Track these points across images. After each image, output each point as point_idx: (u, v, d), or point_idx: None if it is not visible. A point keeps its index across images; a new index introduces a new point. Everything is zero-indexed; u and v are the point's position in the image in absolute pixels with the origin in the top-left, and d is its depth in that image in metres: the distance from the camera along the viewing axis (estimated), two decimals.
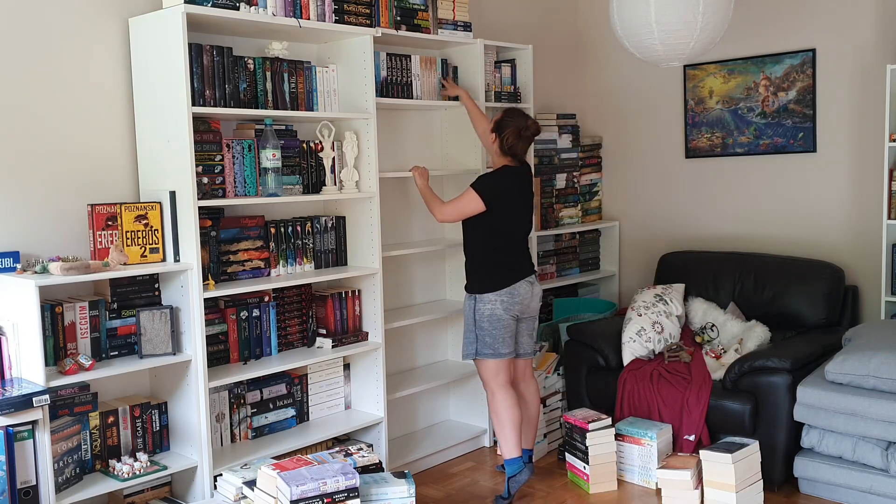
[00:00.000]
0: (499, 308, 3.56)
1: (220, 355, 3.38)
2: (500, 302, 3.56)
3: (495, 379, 3.62)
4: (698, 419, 3.78)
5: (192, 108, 3.05)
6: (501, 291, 3.56)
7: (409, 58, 3.98)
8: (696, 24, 3.41)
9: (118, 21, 3.23)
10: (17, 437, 2.71)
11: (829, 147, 4.49)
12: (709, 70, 4.86)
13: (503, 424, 3.62)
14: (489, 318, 3.57)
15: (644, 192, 5.22)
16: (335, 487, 2.75)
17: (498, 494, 3.72)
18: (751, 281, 4.43)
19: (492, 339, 3.57)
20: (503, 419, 3.61)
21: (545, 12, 5.13)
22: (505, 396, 3.61)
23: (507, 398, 3.61)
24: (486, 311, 3.57)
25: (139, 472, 3.03)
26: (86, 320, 3.02)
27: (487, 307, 3.56)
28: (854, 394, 3.39)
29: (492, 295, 3.57)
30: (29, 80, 3.02)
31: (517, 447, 3.62)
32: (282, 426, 3.63)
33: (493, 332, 3.57)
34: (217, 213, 3.34)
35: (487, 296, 3.57)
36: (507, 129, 3.63)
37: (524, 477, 3.62)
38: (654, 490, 3.74)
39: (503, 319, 3.57)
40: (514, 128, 3.62)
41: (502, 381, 3.62)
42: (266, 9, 3.27)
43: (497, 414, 3.64)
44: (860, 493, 3.45)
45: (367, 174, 3.70)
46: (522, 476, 3.61)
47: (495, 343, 3.57)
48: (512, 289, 3.58)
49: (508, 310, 3.58)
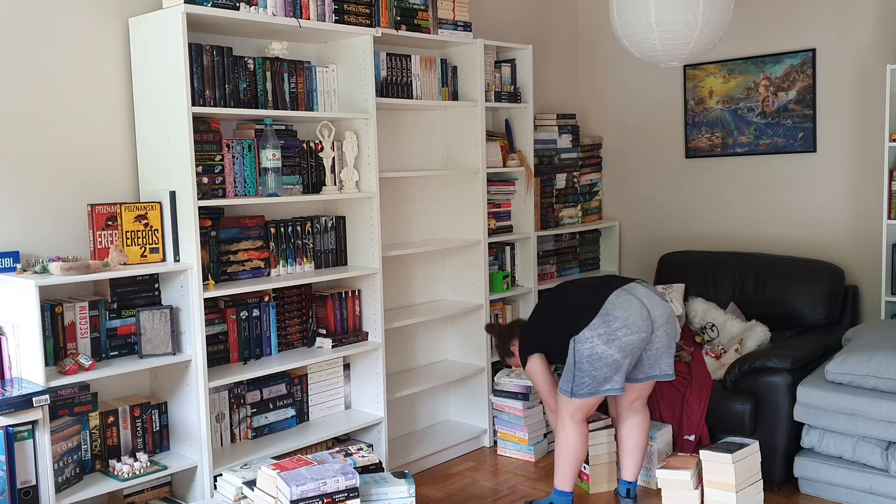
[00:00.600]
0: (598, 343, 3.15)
1: (220, 355, 3.38)
2: (597, 335, 3.16)
3: (573, 416, 3.33)
4: (698, 419, 3.78)
5: (192, 108, 3.05)
6: (594, 324, 3.16)
7: (409, 58, 3.98)
8: (696, 24, 3.41)
9: (118, 21, 3.23)
10: (17, 437, 2.71)
11: (829, 147, 4.49)
12: (709, 70, 4.86)
13: (563, 458, 3.39)
14: (588, 358, 3.18)
15: (644, 192, 5.22)
16: (335, 487, 2.75)
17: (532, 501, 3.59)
18: (751, 281, 4.43)
19: (591, 379, 3.20)
20: (565, 453, 3.38)
21: (545, 12, 5.13)
22: (577, 432, 3.35)
23: (579, 434, 3.35)
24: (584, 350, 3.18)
25: (139, 472, 3.03)
26: (86, 320, 3.02)
27: (586, 346, 3.18)
28: (854, 394, 3.38)
29: (586, 332, 3.17)
30: (29, 80, 3.02)
31: (571, 483, 3.40)
32: (282, 426, 3.63)
33: (593, 373, 3.19)
34: (217, 213, 3.34)
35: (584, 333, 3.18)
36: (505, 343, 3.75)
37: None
38: (654, 490, 3.74)
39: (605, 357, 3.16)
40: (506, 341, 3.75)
41: (580, 417, 3.35)
42: (266, 9, 3.27)
43: (561, 446, 3.39)
44: (860, 493, 3.45)
45: (367, 174, 3.70)
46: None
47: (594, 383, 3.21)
48: (605, 314, 3.15)
49: (610, 342, 3.14)
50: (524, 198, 4.56)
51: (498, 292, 4.42)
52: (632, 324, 3.15)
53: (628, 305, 3.18)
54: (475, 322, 4.34)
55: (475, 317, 4.35)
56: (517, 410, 4.17)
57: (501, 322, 4.42)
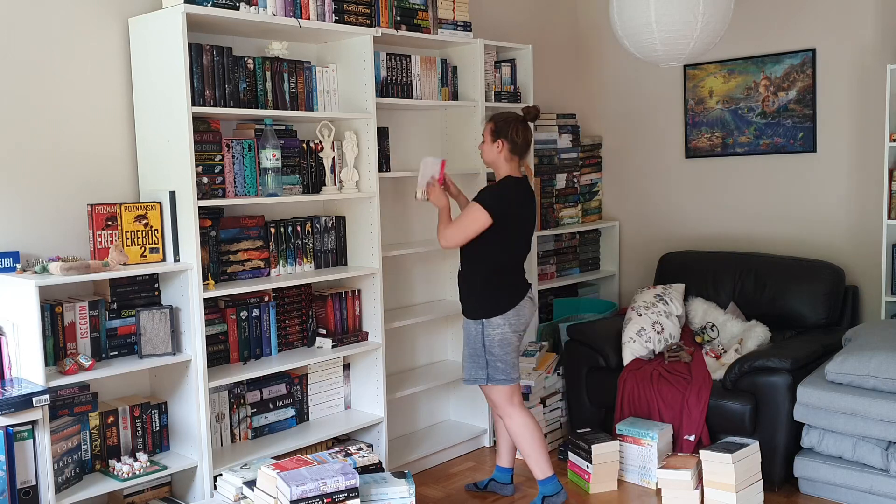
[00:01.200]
0: (508, 332, 3.41)
1: (220, 355, 3.38)
2: (509, 325, 3.41)
3: (510, 402, 3.48)
4: (698, 419, 3.78)
5: (192, 108, 3.05)
6: (509, 314, 3.41)
7: (409, 58, 3.98)
8: (696, 24, 3.41)
9: (118, 21, 3.23)
10: (16, 437, 2.71)
11: (829, 147, 4.49)
12: (709, 70, 4.86)
13: (533, 444, 3.47)
14: (500, 342, 3.41)
15: (644, 192, 5.22)
16: (335, 487, 2.75)
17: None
18: (751, 281, 4.43)
19: (504, 364, 3.42)
20: (532, 438, 3.47)
21: (545, 12, 5.13)
22: (525, 416, 3.49)
23: (528, 417, 3.49)
24: (496, 336, 3.40)
25: (139, 472, 3.03)
26: (86, 320, 3.02)
27: (497, 332, 3.40)
28: (854, 394, 3.38)
29: (499, 318, 3.40)
30: (29, 80, 3.02)
31: (548, 466, 3.49)
32: (282, 426, 3.63)
33: (506, 357, 3.42)
34: (217, 213, 3.34)
35: (494, 322, 3.40)
36: (510, 126, 3.41)
37: (562, 499, 3.49)
38: (654, 490, 3.74)
39: (513, 343, 3.44)
40: (515, 121, 3.42)
41: (518, 401, 3.50)
42: (266, 9, 3.27)
43: (522, 435, 3.48)
44: (860, 493, 3.45)
45: (367, 174, 3.70)
46: (560, 498, 3.49)
47: (508, 368, 3.43)
48: (518, 308, 3.43)
49: (516, 331, 3.44)
50: None
51: None
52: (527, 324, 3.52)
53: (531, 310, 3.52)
54: None
55: None
56: None
57: None
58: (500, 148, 3.46)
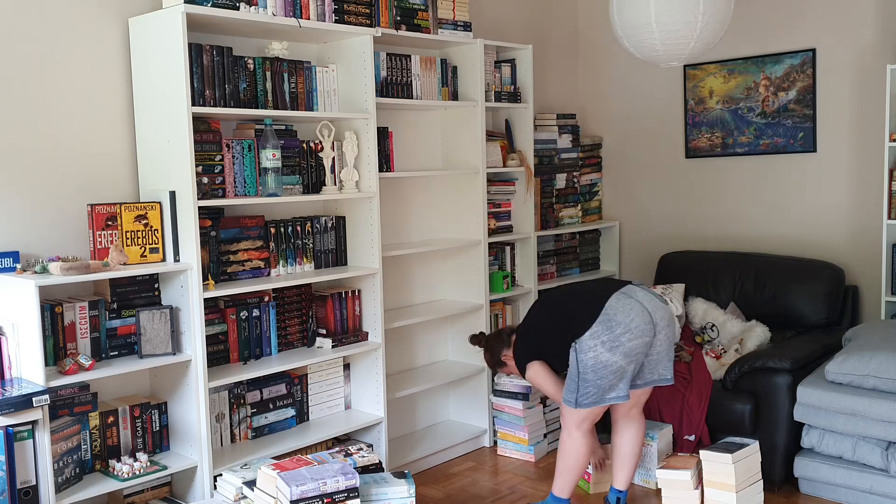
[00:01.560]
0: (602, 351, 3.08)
1: (220, 355, 3.38)
2: (601, 343, 3.08)
3: (579, 426, 3.28)
4: (698, 419, 3.78)
5: (192, 108, 3.05)
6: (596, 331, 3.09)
7: (409, 58, 3.98)
8: (696, 24, 3.41)
9: (118, 21, 3.23)
10: (16, 437, 2.71)
11: (829, 147, 4.49)
12: (709, 70, 4.85)
13: (565, 466, 3.34)
14: (593, 367, 3.11)
15: (644, 192, 5.22)
16: (335, 487, 2.75)
17: None
18: (751, 281, 4.43)
19: (596, 388, 3.13)
20: (568, 461, 3.33)
21: (545, 12, 5.13)
22: (583, 443, 3.30)
23: (584, 446, 3.31)
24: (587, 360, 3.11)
25: (139, 472, 3.03)
26: (86, 320, 3.02)
27: (589, 355, 3.10)
28: (854, 394, 3.38)
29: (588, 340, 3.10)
30: (28, 80, 3.02)
31: (570, 490, 3.37)
32: (282, 426, 3.63)
33: (598, 382, 3.12)
34: (217, 213, 3.34)
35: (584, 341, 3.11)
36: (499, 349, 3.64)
37: None
38: (654, 490, 3.74)
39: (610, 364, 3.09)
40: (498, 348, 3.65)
41: (587, 427, 3.30)
42: (266, 9, 3.27)
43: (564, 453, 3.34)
44: (860, 493, 3.45)
45: (367, 174, 3.70)
46: None
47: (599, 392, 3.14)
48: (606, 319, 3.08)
49: (614, 348, 3.07)
50: (524, 198, 4.56)
51: (498, 292, 4.42)
52: (635, 328, 3.08)
53: (629, 309, 3.11)
54: (475, 322, 4.34)
55: (475, 317, 4.34)
56: (517, 410, 4.17)
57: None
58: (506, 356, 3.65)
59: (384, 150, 3.91)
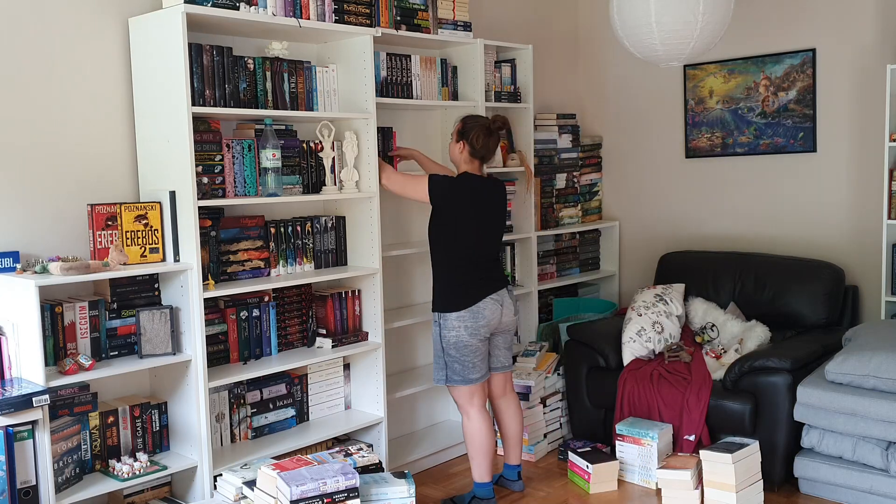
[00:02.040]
0: (464, 334, 3.40)
1: (220, 355, 3.38)
2: (465, 327, 3.40)
3: (470, 402, 3.51)
4: (698, 419, 3.78)
5: (192, 108, 3.05)
6: (463, 312, 3.40)
7: (409, 58, 3.98)
8: (696, 24, 3.41)
9: (118, 21, 3.23)
10: (17, 437, 2.71)
11: (829, 147, 4.49)
12: (709, 70, 4.86)
13: (473, 449, 3.54)
14: (455, 344, 3.42)
15: (644, 192, 5.22)
16: (335, 487, 2.75)
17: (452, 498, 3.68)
18: (751, 281, 4.43)
19: (461, 365, 3.44)
20: (473, 443, 3.53)
21: (545, 12, 5.13)
22: (479, 420, 3.51)
23: (481, 421, 3.51)
24: (451, 337, 3.42)
25: (139, 472, 3.03)
26: (86, 320, 3.02)
27: (452, 333, 3.41)
28: (854, 394, 3.38)
29: (454, 317, 3.40)
30: (29, 80, 3.02)
31: (488, 473, 3.55)
32: (282, 426, 3.63)
33: (462, 359, 3.43)
34: (217, 213, 3.34)
35: (451, 320, 3.41)
36: (473, 130, 3.51)
37: None
38: (654, 490, 3.74)
39: (470, 345, 3.42)
40: (481, 126, 3.52)
41: (478, 402, 3.52)
42: (266, 9, 3.27)
43: (467, 437, 3.56)
44: (860, 493, 3.45)
45: (366, 174, 3.70)
46: None
47: (465, 370, 3.44)
48: (475, 309, 3.40)
49: (474, 333, 3.42)
50: (524, 198, 4.56)
51: None
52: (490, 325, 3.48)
53: (495, 310, 3.48)
54: None
55: None
56: None
57: None
58: (461, 148, 3.57)
59: (387, 149, 3.91)
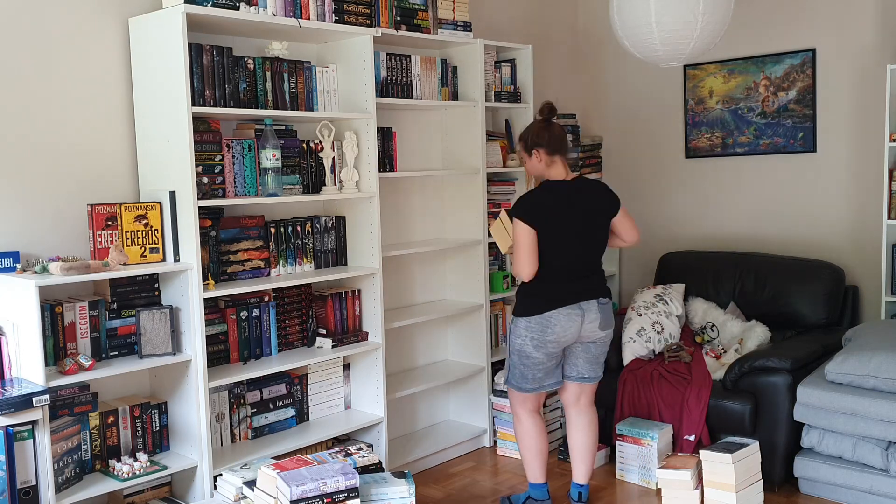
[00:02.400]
0: (528, 345, 3.31)
1: (220, 355, 3.38)
2: (531, 339, 3.30)
3: (521, 406, 3.48)
4: (698, 419, 3.78)
5: (192, 108, 3.05)
6: (532, 323, 3.29)
7: (409, 58, 3.98)
8: (696, 24, 3.41)
9: (118, 21, 3.23)
10: (17, 437, 2.71)
11: (829, 147, 4.49)
12: (709, 70, 4.86)
13: (523, 450, 3.51)
14: (518, 352, 3.36)
15: (644, 192, 5.22)
16: (335, 487, 2.75)
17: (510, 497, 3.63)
18: (751, 281, 4.43)
19: (519, 372, 3.39)
20: (523, 444, 3.50)
21: (545, 12, 5.13)
22: (529, 422, 3.48)
23: (532, 424, 3.47)
24: (516, 344, 3.36)
25: (139, 472, 3.03)
26: (86, 320, 3.02)
27: (518, 340, 3.34)
28: (854, 394, 3.38)
29: (523, 325, 3.31)
30: (29, 80, 3.02)
31: (541, 474, 3.51)
32: (282, 426, 3.63)
33: (522, 368, 3.38)
34: (217, 213, 3.34)
35: (520, 328, 3.32)
36: (532, 132, 3.39)
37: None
38: (654, 490, 3.74)
39: (533, 357, 3.33)
40: (533, 126, 3.41)
41: (530, 406, 3.48)
42: (266, 9, 3.27)
43: (518, 439, 3.53)
44: (860, 493, 3.45)
45: (367, 174, 3.70)
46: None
47: (522, 379, 3.40)
48: (544, 322, 3.27)
49: (539, 346, 3.30)
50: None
51: (498, 292, 4.42)
52: (561, 339, 3.33)
53: (570, 324, 3.31)
54: (475, 322, 4.34)
55: (475, 317, 4.34)
56: None
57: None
58: (538, 158, 3.39)
59: (388, 149, 3.91)
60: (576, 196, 3.37)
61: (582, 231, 3.36)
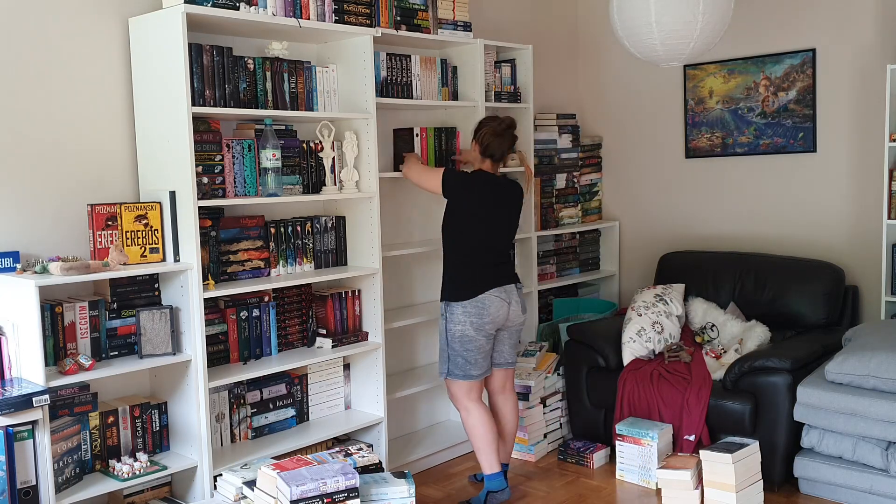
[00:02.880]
0: (469, 329, 3.46)
1: (220, 355, 3.38)
2: (470, 322, 3.45)
3: (468, 396, 3.56)
4: (698, 419, 3.78)
5: (192, 108, 3.05)
6: (468, 307, 3.45)
7: (409, 58, 3.98)
8: (696, 24, 3.41)
9: (118, 21, 3.23)
10: (17, 437, 2.71)
11: (829, 147, 4.49)
12: (709, 70, 4.86)
13: (477, 442, 3.57)
14: (460, 339, 3.48)
15: (644, 192, 5.22)
16: (335, 487, 2.75)
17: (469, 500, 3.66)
18: (751, 281, 4.43)
19: (463, 360, 3.50)
20: (476, 435, 3.56)
21: (545, 12, 5.13)
22: (479, 412, 3.55)
23: (481, 414, 3.55)
24: (456, 331, 3.48)
25: (139, 472, 3.03)
26: (86, 320, 3.02)
27: (458, 327, 3.47)
28: (854, 394, 3.38)
29: (460, 312, 3.46)
30: (29, 80, 3.02)
31: (497, 463, 3.57)
32: (282, 426, 3.63)
33: (465, 354, 3.49)
34: (217, 213, 3.34)
35: (457, 314, 3.46)
36: (483, 130, 3.63)
37: (505, 497, 3.58)
38: (654, 490, 3.74)
39: (474, 340, 3.48)
40: (490, 127, 3.62)
41: (475, 396, 3.57)
42: (266, 9, 3.27)
43: (469, 431, 3.59)
44: (860, 493, 3.45)
45: (367, 174, 3.70)
46: (503, 495, 3.57)
47: (467, 365, 3.50)
48: (480, 304, 3.45)
49: (479, 329, 3.47)
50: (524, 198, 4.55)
51: None
52: (496, 320, 3.53)
53: (501, 305, 3.52)
54: None
55: None
56: None
57: None
58: (477, 151, 3.66)
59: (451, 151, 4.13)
60: (500, 189, 3.63)
61: (503, 218, 3.64)
